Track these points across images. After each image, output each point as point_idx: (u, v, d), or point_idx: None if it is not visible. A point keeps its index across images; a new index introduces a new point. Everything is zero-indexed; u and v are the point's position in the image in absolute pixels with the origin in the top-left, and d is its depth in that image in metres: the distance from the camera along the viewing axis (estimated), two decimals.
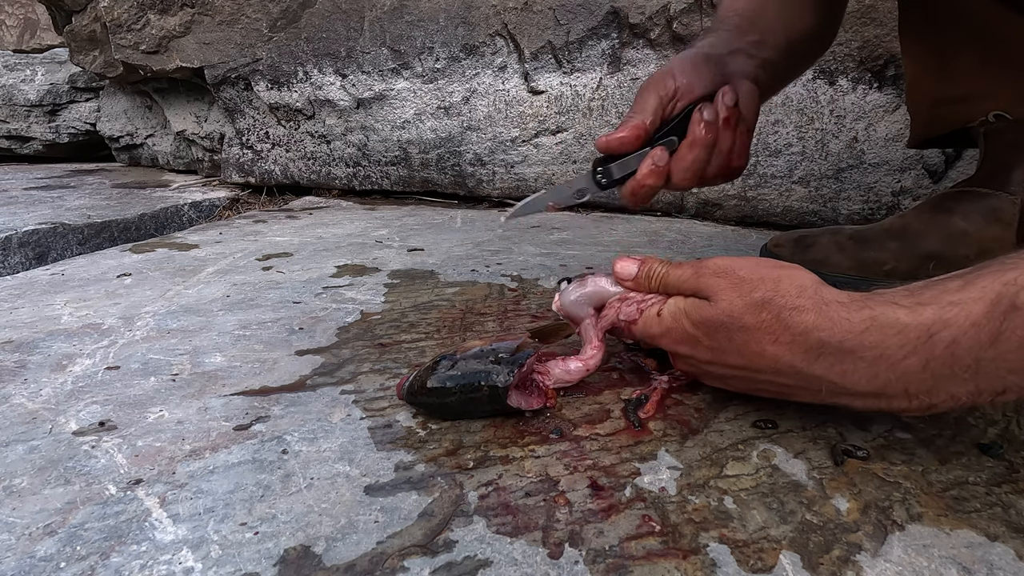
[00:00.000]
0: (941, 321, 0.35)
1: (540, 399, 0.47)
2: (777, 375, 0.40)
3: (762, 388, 0.43)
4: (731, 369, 0.43)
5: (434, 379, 0.45)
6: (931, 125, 0.73)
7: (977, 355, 0.34)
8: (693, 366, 0.46)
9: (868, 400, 0.38)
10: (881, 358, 0.36)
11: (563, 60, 1.26)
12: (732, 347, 0.41)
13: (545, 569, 0.32)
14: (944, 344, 0.34)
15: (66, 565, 0.33)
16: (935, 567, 0.32)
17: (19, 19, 3.17)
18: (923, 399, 0.36)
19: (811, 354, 0.38)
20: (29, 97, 2.20)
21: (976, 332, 0.34)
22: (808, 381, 0.39)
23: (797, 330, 0.39)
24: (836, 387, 0.39)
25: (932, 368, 0.35)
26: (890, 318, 0.36)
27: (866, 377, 0.37)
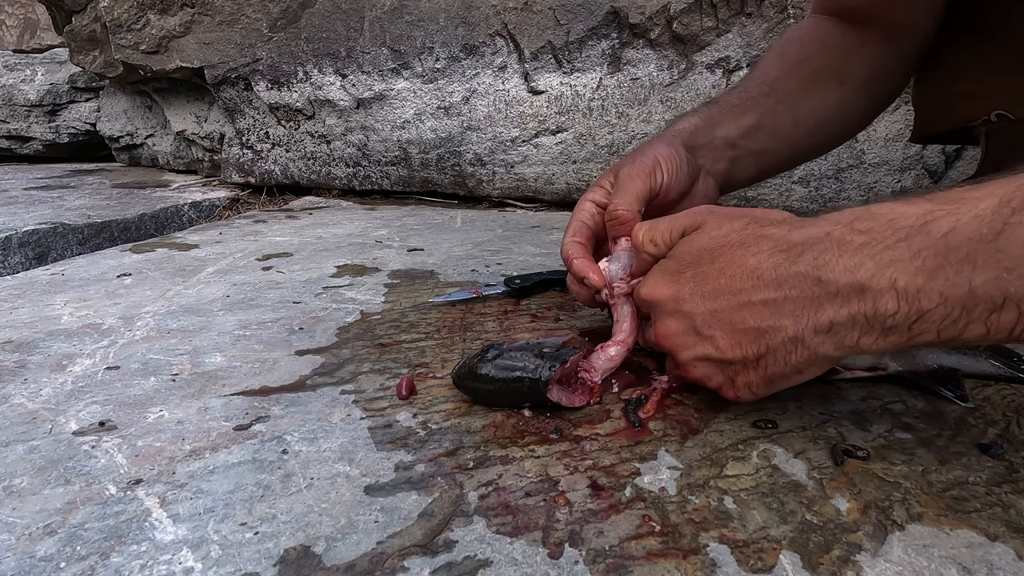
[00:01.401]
0: (940, 210, 0.33)
1: (585, 396, 0.48)
2: (757, 289, 0.38)
3: (743, 320, 0.39)
4: (712, 300, 0.40)
5: (483, 367, 0.47)
6: (934, 122, 0.73)
7: (975, 247, 0.31)
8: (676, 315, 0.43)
9: (852, 302, 0.35)
10: (869, 244, 0.34)
11: (563, 60, 1.26)
12: (714, 269, 0.41)
13: (545, 569, 0.32)
14: (940, 233, 0.32)
15: (66, 565, 0.33)
16: (935, 567, 0.32)
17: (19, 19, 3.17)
18: (912, 299, 0.33)
19: (793, 253, 0.37)
20: (29, 97, 2.20)
21: (977, 224, 0.31)
22: (790, 287, 0.37)
23: (778, 236, 0.38)
24: (818, 290, 0.36)
25: (924, 258, 0.32)
26: (884, 207, 0.35)
27: (850, 267, 0.35)
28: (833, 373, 0.50)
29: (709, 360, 0.42)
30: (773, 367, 0.40)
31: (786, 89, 0.62)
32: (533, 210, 1.35)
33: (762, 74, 0.64)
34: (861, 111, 0.68)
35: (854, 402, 0.48)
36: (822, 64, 0.63)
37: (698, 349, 0.42)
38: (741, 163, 0.62)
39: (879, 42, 0.63)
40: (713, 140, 0.60)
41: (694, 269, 0.42)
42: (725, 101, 0.62)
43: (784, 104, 0.62)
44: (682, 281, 0.42)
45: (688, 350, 0.43)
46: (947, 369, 0.50)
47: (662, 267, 0.45)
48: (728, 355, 0.41)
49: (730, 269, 0.40)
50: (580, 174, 1.30)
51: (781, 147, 0.63)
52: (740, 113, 0.61)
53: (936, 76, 0.70)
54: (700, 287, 0.41)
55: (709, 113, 0.61)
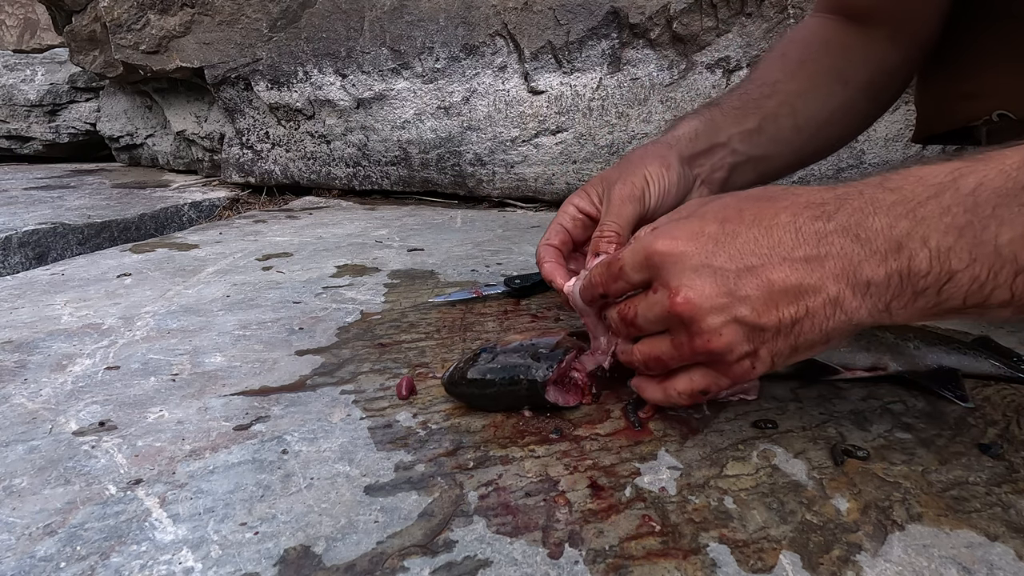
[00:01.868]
0: (968, 167, 0.33)
1: (577, 396, 0.48)
2: (798, 245, 0.35)
3: (784, 278, 0.36)
4: (747, 255, 0.36)
5: (475, 370, 0.46)
6: (935, 121, 0.73)
7: (1002, 202, 0.31)
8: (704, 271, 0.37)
9: (889, 261, 0.34)
10: (901, 202, 0.34)
11: (563, 60, 1.26)
12: (743, 223, 0.37)
13: (545, 569, 0.32)
14: (968, 189, 0.32)
15: (66, 565, 0.33)
16: (935, 567, 0.32)
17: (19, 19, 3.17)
18: (943, 259, 0.33)
19: (828, 208, 0.35)
20: (29, 97, 2.20)
21: (1003, 179, 0.31)
22: (830, 243, 0.35)
23: (811, 192, 0.37)
24: (857, 247, 0.34)
25: (953, 215, 0.32)
26: (913, 168, 0.35)
27: (886, 224, 0.34)
28: (833, 373, 0.50)
29: (741, 325, 0.37)
30: (807, 333, 0.36)
31: (788, 91, 0.61)
32: (533, 210, 1.35)
33: (764, 75, 0.63)
34: (864, 113, 0.68)
35: (854, 402, 0.48)
36: (826, 65, 0.62)
37: (730, 311, 0.36)
38: (740, 170, 0.61)
39: (884, 42, 0.63)
40: (713, 147, 0.59)
41: (718, 224, 0.37)
42: (726, 103, 0.61)
43: (786, 107, 0.61)
44: (707, 235, 0.37)
45: (717, 314, 0.36)
46: (947, 369, 0.50)
47: (677, 222, 0.39)
48: (763, 319, 0.36)
49: (764, 220, 0.36)
50: (580, 174, 1.30)
51: (782, 151, 0.63)
52: (742, 116, 0.60)
53: (938, 76, 0.70)
54: (731, 241, 0.37)
55: (710, 116, 0.60)
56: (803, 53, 0.64)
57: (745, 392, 0.48)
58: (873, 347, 0.51)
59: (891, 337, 0.52)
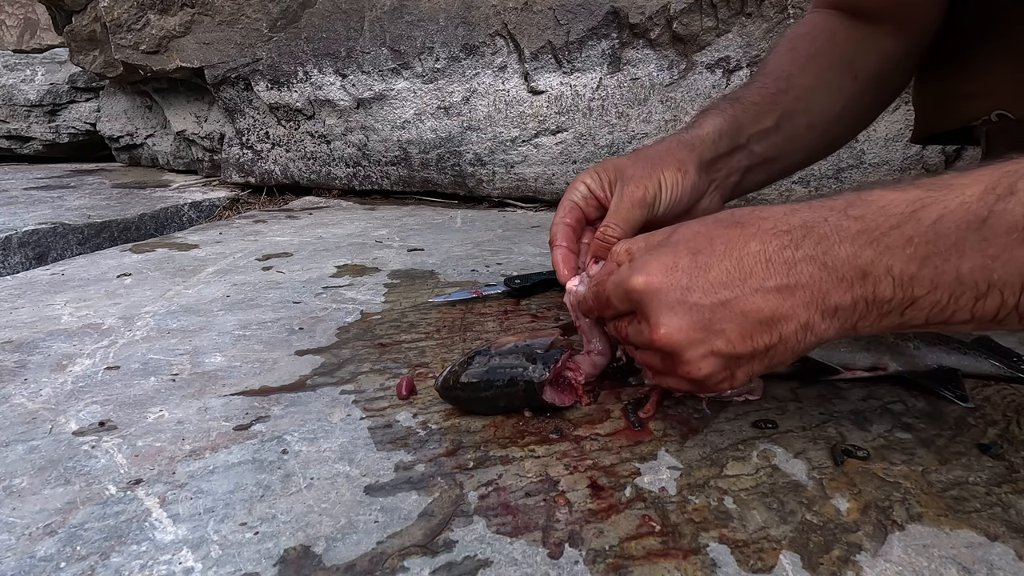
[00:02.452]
0: (929, 197, 0.33)
1: (572, 396, 0.48)
2: (768, 275, 0.36)
3: (757, 309, 0.37)
4: (721, 289, 0.37)
5: (469, 374, 0.46)
6: (935, 121, 0.73)
7: (963, 235, 0.32)
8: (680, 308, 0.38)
9: (855, 287, 0.35)
10: (865, 231, 0.35)
11: (563, 60, 1.26)
12: (715, 254, 0.38)
13: (545, 569, 0.32)
14: (929, 221, 0.33)
15: (66, 565, 0.33)
16: (935, 567, 0.32)
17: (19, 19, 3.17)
18: (906, 286, 0.34)
19: (795, 236, 0.36)
20: (29, 97, 2.20)
21: (964, 211, 0.32)
22: (800, 272, 0.36)
23: (777, 215, 0.37)
24: (825, 275, 0.36)
25: (915, 245, 0.33)
26: (875, 194, 0.35)
27: (851, 255, 0.35)
28: (833, 373, 0.50)
29: (718, 356, 0.39)
30: (780, 355, 0.38)
31: (803, 85, 0.61)
32: (533, 210, 1.35)
33: (777, 68, 0.62)
34: (869, 108, 0.68)
35: (854, 402, 0.48)
36: (835, 57, 0.62)
37: (707, 345, 0.38)
38: (753, 172, 0.61)
39: (886, 36, 0.63)
40: (734, 150, 0.59)
41: (691, 256, 0.38)
42: (746, 98, 0.61)
43: (802, 102, 0.61)
44: (680, 269, 0.38)
45: (695, 347, 0.38)
46: (947, 369, 0.50)
47: (652, 254, 0.40)
48: (738, 349, 0.38)
49: (734, 251, 0.37)
50: None
51: (795, 150, 0.63)
52: (761, 113, 0.60)
53: (937, 76, 0.70)
54: (704, 275, 0.38)
55: (733, 113, 0.59)
56: (811, 47, 0.64)
57: (750, 392, 0.48)
58: (873, 347, 0.51)
59: (891, 337, 0.52)
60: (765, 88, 0.61)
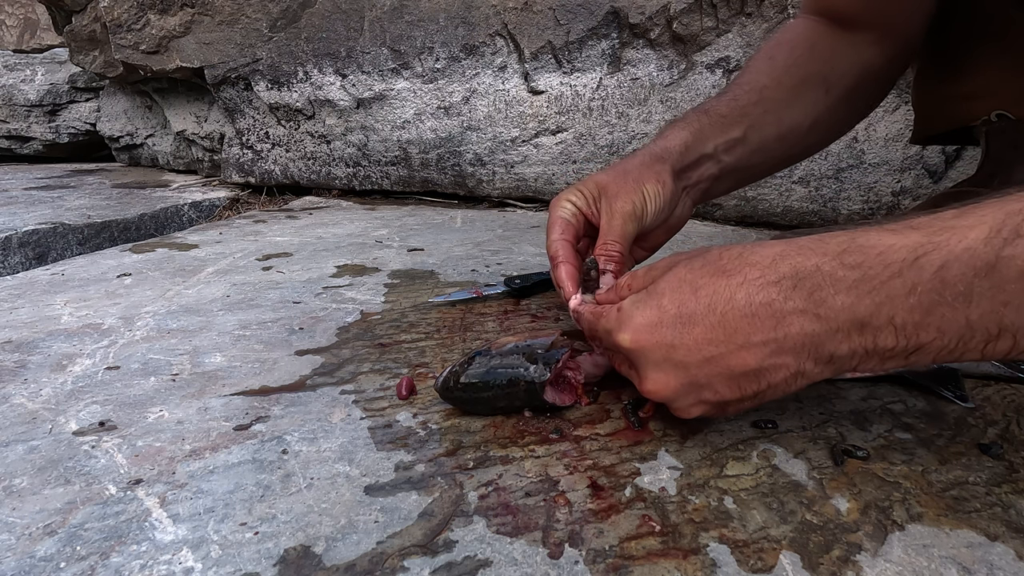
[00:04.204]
0: (931, 243, 0.32)
1: (572, 396, 0.48)
2: (755, 330, 0.36)
3: (744, 363, 0.37)
4: (707, 346, 0.37)
5: (469, 375, 0.46)
6: (934, 122, 0.73)
7: (970, 283, 0.31)
8: (667, 366, 0.39)
9: (853, 338, 0.34)
10: (863, 280, 0.33)
11: (563, 60, 1.26)
12: (700, 305, 0.37)
13: (545, 569, 0.32)
14: (933, 268, 0.32)
15: (66, 565, 0.33)
16: (935, 567, 0.32)
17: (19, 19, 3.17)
18: (910, 334, 0.33)
19: (785, 286, 0.35)
20: (29, 97, 2.20)
21: (970, 258, 0.31)
22: (789, 325, 0.35)
23: (765, 262, 0.36)
24: (818, 326, 0.35)
25: (920, 294, 0.32)
26: (872, 239, 0.34)
27: (847, 304, 0.34)
28: None
29: (705, 404, 0.40)
30: (771, 396, 0.39)
31: (774, 98, 0.62)
32: (533, 210, 1.35)
33: (752, 79, 0.64)
34: (843, 119, 0.69)
35: (854, 402, 0.48)
36: (811, 70, 0.63)
37: (695, 396, 0.40)
38: (721, 181, 0.63)
39: (869, 45, 0.63)
40: (700, 159, 0.61)
41: (676, 308, 0.38)
42: (715, 110, 0.62)
43: (771, 115, 0.62)
44: (666, 324, 0.39)
45: (684, 398, 0.40)
46: (947, 369, 0.50)
47: (638, 307, 0.41)
48: (727, 398, 0.39)
49: (719, 305, 0.37)
50: (580, 174, 1.30)
51: (764, 161, 0.64)
52: (728, 125, 0.61)
53: (936, 77, 0.70)
54: (689, 332, 0.38)
55: (699, 126, 0.61)
56: (789, 57, 0.64)
57: None
58: None
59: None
60: (736, 100, 0.62)
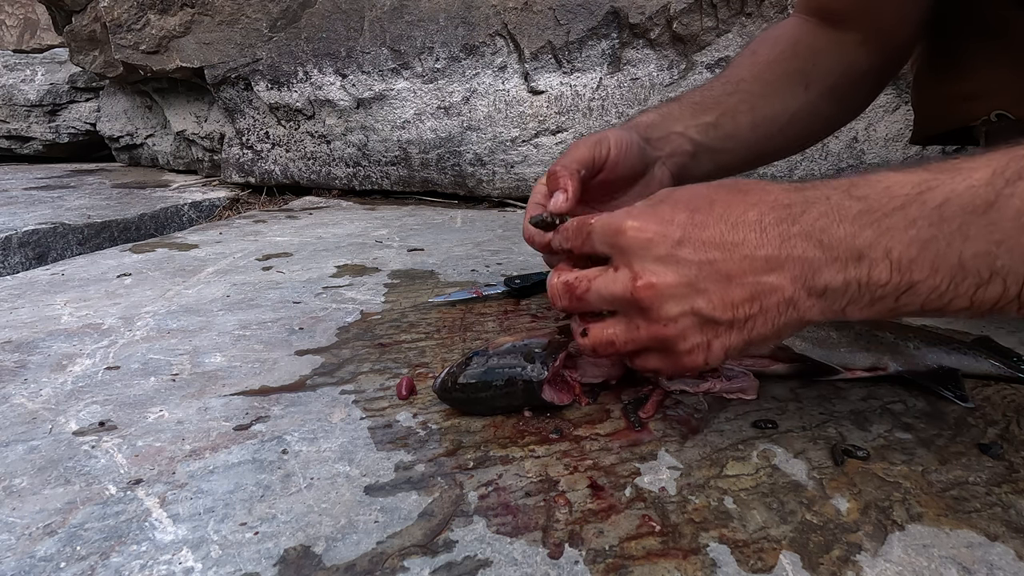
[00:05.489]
0: (935, 180, 0.33)
1: (569, 395, 0.48)
2: (761, 243, 0.36)
3: (743, 275, 0.36)
4: (712, 249, 0.36)
5: (468, 375, 0.46)
6: (934, 122, 0.73)
7: (968, 219, 0.32)
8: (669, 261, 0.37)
9: (849, 268, 0.34)
10: (867, 211, 0.34)
11: (563, 60, 1.26)
12: (713, 215, 0.37)
13: (545, 569, 0.32)
14: (934, 203, 0.32)
15: (66, 565, 0.33)
16: (935, 567, 0.32)
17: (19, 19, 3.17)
18: (904, 270, 0.33)
19: (794, 210, 0.36)
20: (29, 97, 2.20)
21: (971, 195, 0.32)
22: (793, 246, 0.35)
23: (780, 190, 0.37)
24: (819, 252, 0.35)
25: (918, 228, 0.33)
26: (880, 175, 0.35)
27: (850, 233, 0.34)
28: (833, 373, 0.50)
29: (696, 316, 0.37)
30: (759, 329, 0.37)
31: (750, 90, 0.62)
32: None
33: (731, 74, 0.64)
34: (828, 116, 0.69)
35: (854, 402, 0.48)
36: (791, 67, 0.63)
37: (688, 302, 0.37)
38: (698, 159, 0.62)
39: (855, 46, 0.63)
40: (669, 135, 0.60)
41: (688, 213, 0.37)
42: (687, 99, 0.62)
43: (746, 104, 0.62)
44: (676, 223, 0.37)
45: (676, 303, 0.37)
46: (947, 369, 0.50)
47: (650, 205, 0.39)
48: (717, 313, 0.37)
49: (731, 216, 0.37)
50: None
51: (737, 147, 0.63)
52: (700, 111, 0.61)
53: (935, 77, 0.70)
54: (698, 232, 0.37)
55: (668, 110, 0.61)
56: (771, 53, 0.65)
57: (744, 392, 0.48)
58: (873, 347, 0.51)
59: (891, 337, 0.52)
60: (711, 91, 0.62)
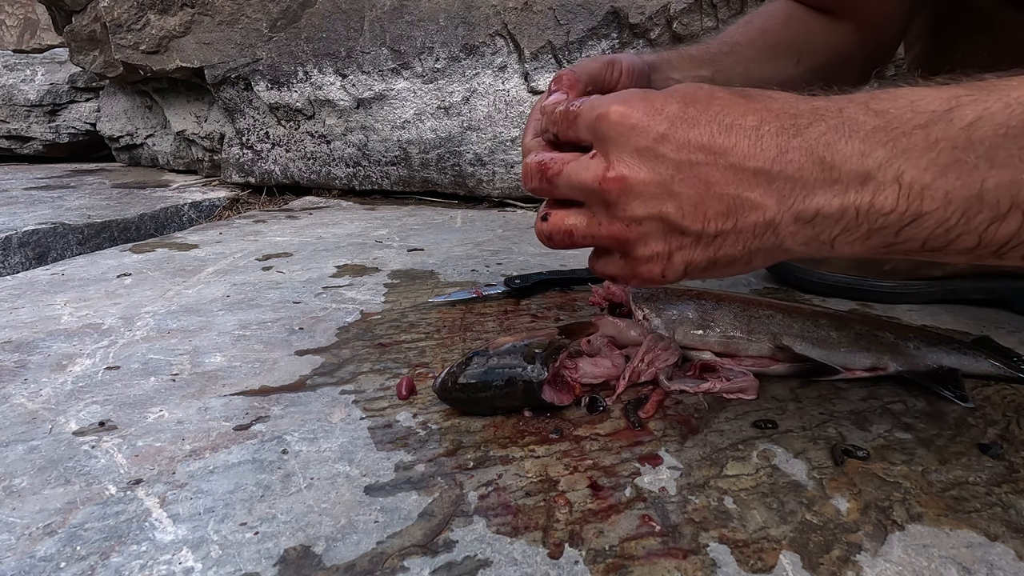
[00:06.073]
0: (968, 96, 0.29)
1: (569, 395, 0.48)
2: (753, 153, 0.32)
3: (724, 184, 0.33)
4: (697, 150, 0.33)
5: (468, 375, 0.46)
6: None
7: (999, 143, 0.28)
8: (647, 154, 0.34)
9: (849, 192, 0.31)
10: (883, 128, 0.30)
11: (563, 60, 1.26)
12: (709, 110, 0.33)
13: (545, 569, 0.32)
14: (964, 123, 0.29)
15: (66, 565, 0.33)
16: (935, 567, 0.32)
17: (19, 19, 3.17)
18: (913, 198, 0.30)
19: (801, 121, 0.32)
20: (29, 97, 2.20)
21: (1007, 116, 0.28)
22: (788, 161, 0.32)
23: (788, 99, 0.33)
24: (817, 172, 0.31)
25: (940, 151, 0.29)
26: (906, 89, 0.31)
27: (857, 152, 0.30)
28: (833, 373, 0.50)
29: (662, 221, 0.34)
30: (728, 249, 0.34)
31: (746, 55, 0.62)
32: (533, 210, 1.35)
33: (726, 36, 0.64)
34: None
35: (854, 402, 0.48)
36: (784, 38, 0.63)
37: (656, 204, 0.34)
38: None
39: (844, 33, 0.64)
40: (668, 79, 0.59)
41: (681, 105, 0.34)
42: (684, 51, 0.61)
43: (740, 67, 0.61)
44: (664, 115, 0.34)
45: (643, 203, 0.34)
46: (947, 369, 0.50)
47: (644, 93, 0.36)
48: (686, 222, 0.34)
49: (727, 117, 0.33)
50: None
51: None
52: (697, 64, 0.60)
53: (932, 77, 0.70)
54: (686, 129, 0.33)
55: (667, 57, 0.59)
56: (766, 23, 0.65)
57: (744, 392, 0.48)
58: (873, 347, 0.51)
59: (891, 337, 0.52)
60: (708, 48, 0.61)
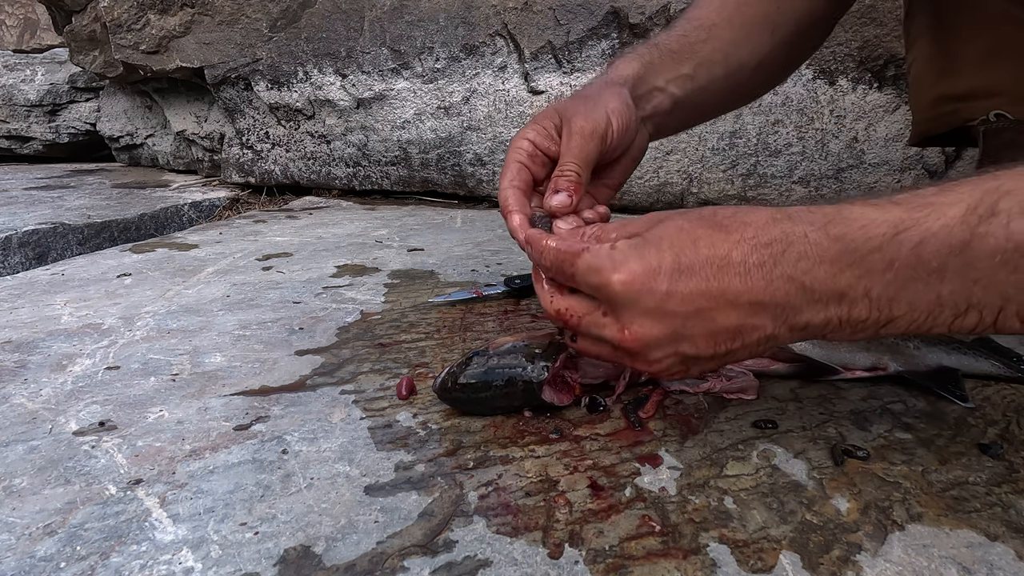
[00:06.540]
0: (911, 219, 0.33)
1: (569, 395, 0.48)
2: (745, 289, 0.36)
3: (727, 319, 0.37)
4: (698, 298, 0.37)
5: (468, 375, 0.46)
6: (932, 123, 0.73)
7: (945, 260, 0.32)
8: (657, 315, 0.38)
9: (830, 308, 0.36)
10: (845, 252, 0.35)
11: (563, 60, 1.26)
12: (699, 256, 0.37)
13: (545, 569, 0.32)
14: (911, 244, 0.33)
15: (66, 565, 0.33)
16: (935, 567, 0.32)
17: (19, 19, 3.17)
18: (883, 308, 0.35)
19: (775, 249, 0.36)
20: (29, 97, 2.20)
21: (947, 235, 0.32)
22: (775, 290, 0.36)
23: (759, 223, 0.37)
24: (801, 295, 0.36)
25: (896, 269, 0.33)
26: (855, 212, 0.35)
27: (829, 276, 0.35)
28: (833, 373, 0.50)
29: (677, 355, 0.40)
30: (737, 356, 0.39)
31: (722, 36, 0.62)
32: None
33: (702, 16, 0.63)
34: (784, 64, 0.69)
35: (854, 402, 0.48)
36: (759, 11, 0.63)
37: (672, 347, 0.39)
38: (673, 115, 0.62)
39: None
40: (652, 91, 0.59)
41: (676, 256, 0.38)
42: (664, 45, 0.61)
43: (720, 53, 0.62)
44: (664, 272, 0.38)
45: (662, 348, 0.39)
46: (947, 369, 0.50)
47: (635, 250, 0.39)
48: (700, 351, 0.39)
49: (715, 259, 0.37)
50: None
51: (709, 99, 0.64)
52: (678, 61, 0.60)
53: (933, 78, 0.70)
54: (686, 282, 0.38)
55: (650, 59, 0.60)
56: None
57: (744, 392, 0.48)
58: (873, 347, 0.51)
59: (891, 337, 0.52)
60: (686, 37, 0.62)
